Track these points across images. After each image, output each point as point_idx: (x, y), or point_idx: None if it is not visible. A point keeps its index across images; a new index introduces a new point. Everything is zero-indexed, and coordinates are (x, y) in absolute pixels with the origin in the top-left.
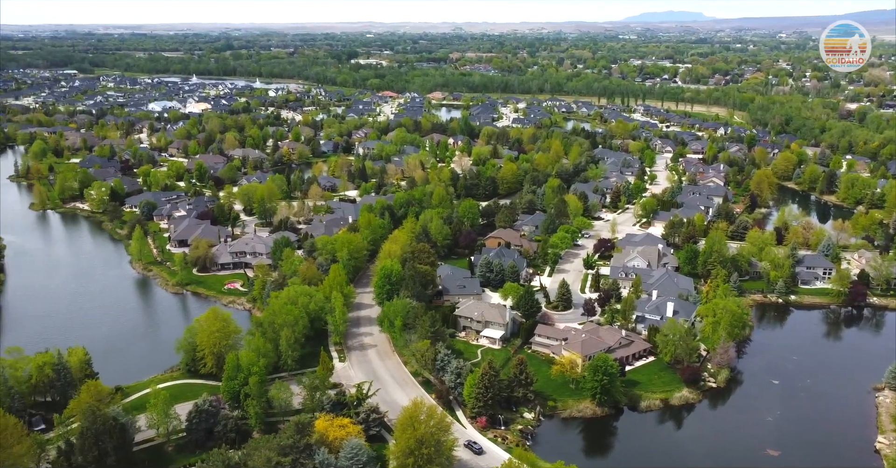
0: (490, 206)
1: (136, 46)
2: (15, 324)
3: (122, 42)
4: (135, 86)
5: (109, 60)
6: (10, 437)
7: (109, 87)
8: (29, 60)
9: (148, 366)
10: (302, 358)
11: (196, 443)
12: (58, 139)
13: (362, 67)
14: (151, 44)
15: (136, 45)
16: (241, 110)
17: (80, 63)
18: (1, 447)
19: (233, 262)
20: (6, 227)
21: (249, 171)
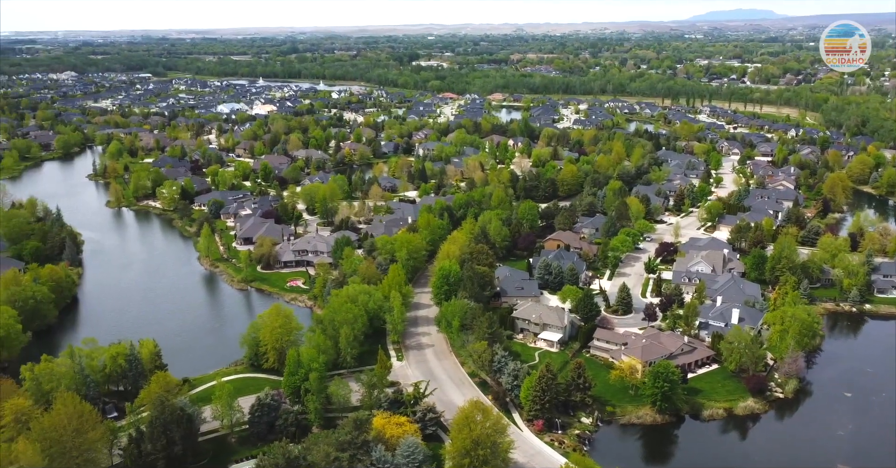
0: (549, 208)
1: (207, 50)
2: (91, 316)
3: (193, 46)
4: (205, 88)
5: (181, 64)
6: (85, 423)
7: (181, 89)
8: (107, 65)
9: (213, 359)
10: (361, 355)
11: (258, 436)
12: (133, 140)
13: (423, 69)
14: (221, 48)
15: (206, 49)
16: (305, 112)
17: (154, 67)
18: (78, 432)
19: (295, 260)
20: (85, 224)
21: (312, 171)
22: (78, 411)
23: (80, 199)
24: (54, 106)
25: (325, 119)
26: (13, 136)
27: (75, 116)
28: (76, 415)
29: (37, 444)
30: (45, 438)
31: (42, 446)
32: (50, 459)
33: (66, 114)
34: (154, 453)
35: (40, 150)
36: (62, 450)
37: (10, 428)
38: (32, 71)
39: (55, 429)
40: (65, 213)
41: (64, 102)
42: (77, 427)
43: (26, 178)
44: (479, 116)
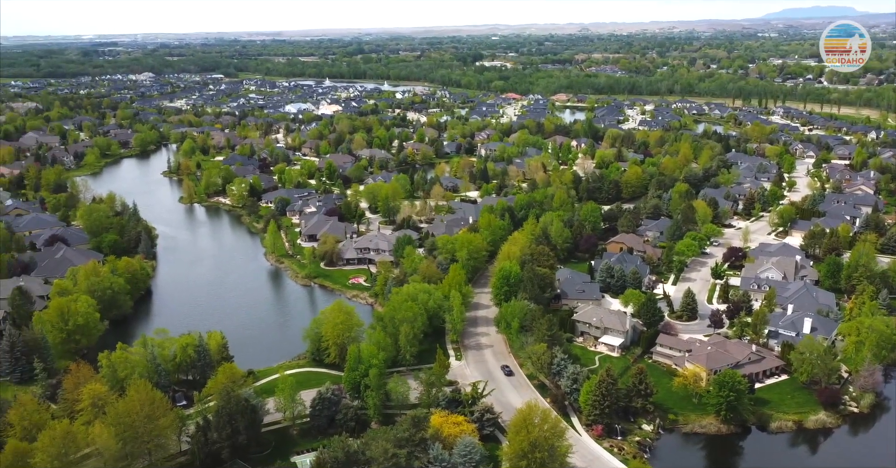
0: (613, 210)
1: (276, 52)
2: (163, 307)
3: (263, 48)
4: (273, 89)
5: (252, 65)
6: (157, 410)
7: (251, 90)
8: (182, 66)
9: (277, 352)
10: (420, 354)
11: (318, 429)
12: (205, 138)
13: (487, 70)
14: (290, 49)
15: (276, 50)
16: (369, 112)
17: (226, 68)
18: (149, 418)
19: (357, 258)
20: (159, 219)
21: (375, 170)
22: (150, 398)
23: (155, 195)
24: (133, 105)
25: (388, 119)
26: (95, 134)
27: (152, 115)
28: (148, 402)
29: (111, 428)
30: (119, 423)
31: (116, 430)
32: (123, 443)
33: (143, 113)
34: (219, 441)
35: (119, 147)
36: (134, 435)
37: (87, 412)
38: (114, 72)
39: (128, 414)
40: (141, 208)
41: (142, 102)
42: (149, 413)
43: (106, 174)
44: (542, 117)
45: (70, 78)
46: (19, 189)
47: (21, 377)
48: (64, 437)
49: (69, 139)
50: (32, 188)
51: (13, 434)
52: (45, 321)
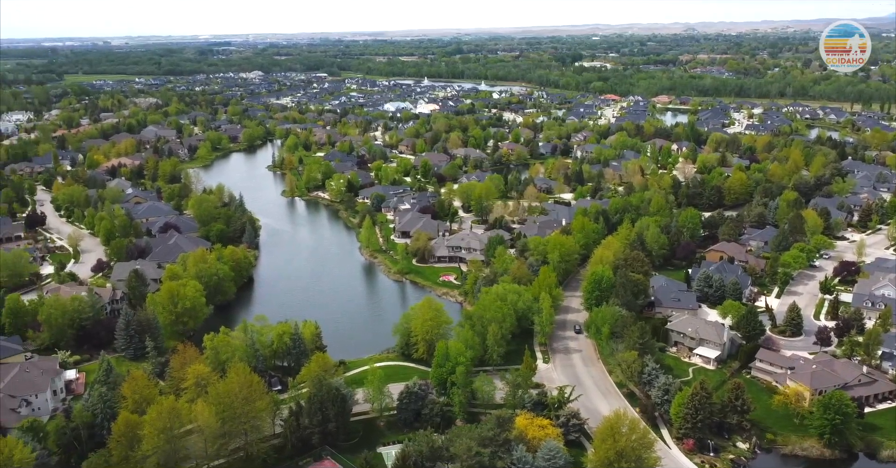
0: (713, 217)
1: (378, 52)
2: (263, 295)
3: (365, 48)
4: (374, 88)
5: (354, 64)
6: (254, 393)
7: (352, 88)
8: (289, 65)
9: (367, 345)
10: (507, 354)
11: (404, 422)
12: (307, 135)
13: (586, 70)
14: (391, 49)
15: (377, 50)
16: (465, 111)
17: (329, 67)
18: (247, 400)
19: (449, 256)
20: (263, 211)
21: (470, 169)
22: (248, 381)
23: (259, 188)
24: (243, 102)
25: (484, 119)
26: (208, 128)
27: (259, 112)
28: (246, 385)
29: (212, 407)
30: (220, 403)
31: (216, 409)
32: (222, 422)
33: (251, 110)
34: (311, 427)
35: (229, 141)
36: (233, 415)
37: (191, 390)
38: (226, 70)
39: (228, 395)
40: (246, 200)
41: (251, 99)
42: (246, 395)
43: (216, 166)
44: (641, 119)
45: (187, 75)
46: (139, 178)
47: (134, 353)
48: (169, 413)
49: (184, 133)
50: (150, 178)
51: (126, 406)
52: (157, 303)
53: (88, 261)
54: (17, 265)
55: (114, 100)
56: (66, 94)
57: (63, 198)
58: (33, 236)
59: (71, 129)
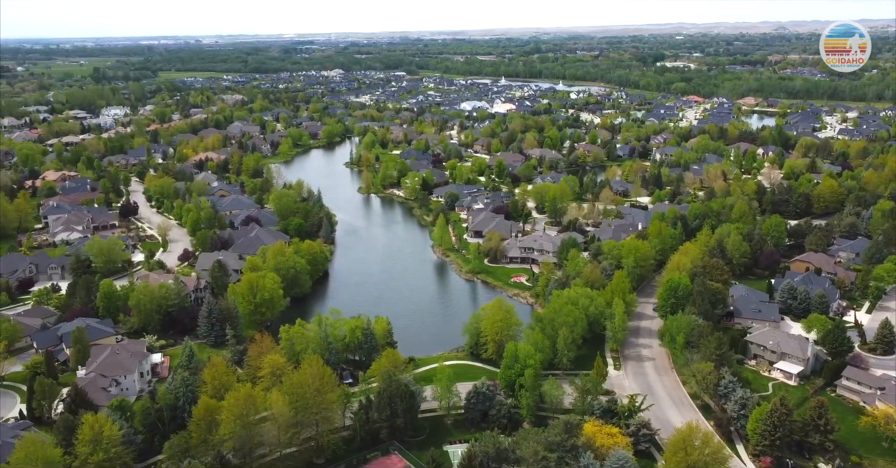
0: (800, 226)
1: (456, 51)
2: (337, 289)
3: (444, 47)
4: (451, 87)
5: (432, 63)
6: (326, 385)
7: (430, 87)
8: (369, 63)
9: (437, 342)
10: (577, 359)
11: (471, 422)
12: (385, 132)
13: (668, 70)
14: (469, 48)
15: (455, 49)
16: (542, 111)
17: (408, 66)
18: (319, 392)
19: (521, 257)
20: (339, 206)
21: (545, 170)
22: (320, 373)
23: (336, 184)
24: (323, 100)
25: (561, 119)
26: (290, 125)
27: (339, 110)
28: (319, 377)
29: (286, 397)
30: (293, 393)
31: (290, 399)
32: (295, 412)
33: (332, 107)
34: (379, 422)
35: (309, 138)
36: (305, 405)
37: (267, 379)
38: (309, 68)
39: (301, 386)
40: (323, 195)
41: (331, 97)
42: (319, 387)
43: (296, 162)
44: (725, 122)
45: (272, 73)
46: (224, 172)
47: (215, 341)
48: (246, 400)
49: (267, 129)
50: (235, 172)
51: (205, 391)
52: (238, 293)
53: (176, 250)
54: (111, 252)
55: (203, 96)
56: (159, 90)
57: (154, 189)
58: (126, 225)
59: (163, 123)
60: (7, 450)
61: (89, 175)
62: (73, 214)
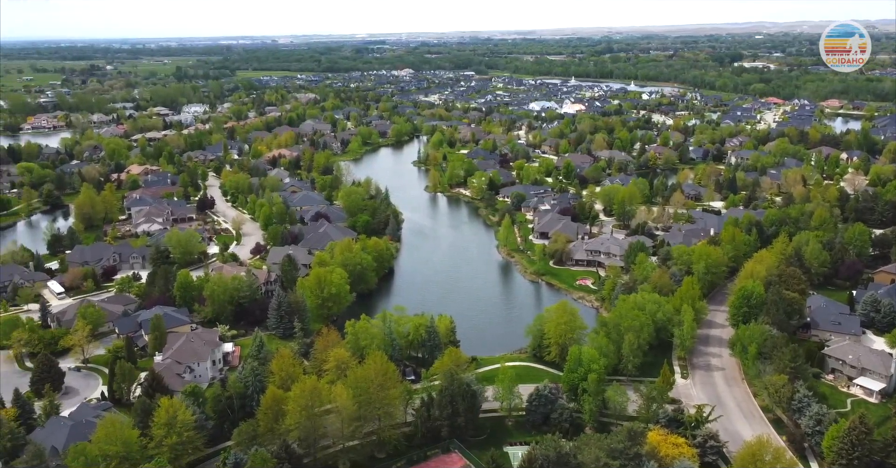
0: (886, 235)
1: (526, 50)
2: (402, 286)
3: (513, 46)
4: (520, 86)
5: (501, 63)
6: (388, 381)
7: (499, 87)
8: (438, 63)
9: (499, 343)
10: (642, 365)
11: (532, 424)
12: (452, 132)
13: (745, 71)
14: (539, 48)
15: (525, 49)
16: (612, 112)
17: (477, 65)
18: (381, 387)
19: (587, 260)
20: (406, 204)
21: (613, 172)
22: (384, 369)
23: (404, 183)
24: (393, 99)
25: (632, 120)
26: (360, 123)
27: (408, 109)
28: (382, 372)
29: (350, 390)
30: (357, 387)
31: (353, 393)
32: (358, 406)
33: (401, 106)
34: (440, 420)
35: (378, 136)
36: (368, 400)
37: (332, 372)
38: (379, 68)
39: (365, 380)
40: (391, 193)
41: (400, 96)
42: (381, 382)
43: (365, 160)
44: (807, 125)
45: (343, 73)
46: (296, 169)
47: (284, 333)
48: (311, 392)
49: (338, 127)
50: (306, 169)
51: (273, 381)
52: (306, 287)
53: (248, 243)
54: (188, 243)
55: (278, 95)
56: (236, 88)
57: (230, 184)
58: (203, 218)
59: (239, 121)
60: (89, 428)
61: (170, 169)
62: (154, 207)
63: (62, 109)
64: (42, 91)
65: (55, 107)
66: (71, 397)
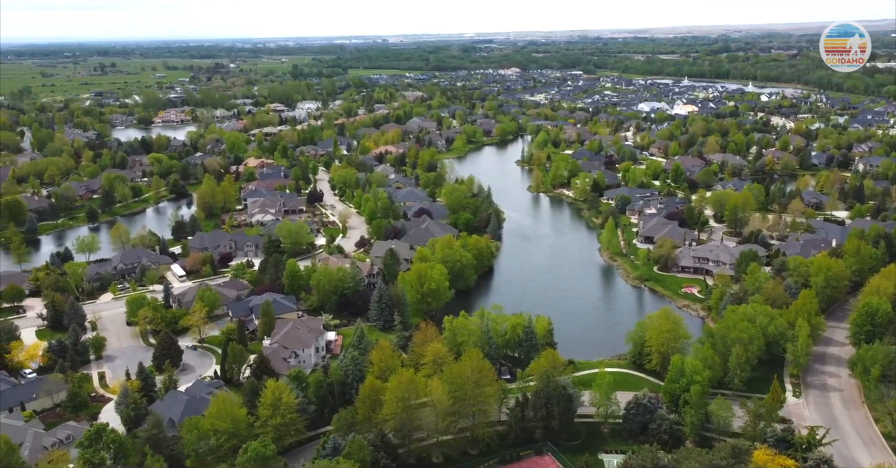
0: None
1: (636, 50)
2: (501, 285)
3: (624, 45)
4: (629, 86)
5: (610, 62)
6: (484, 378)
7: (607, 87)
8: (546, 62)
9: (597, 348)
10: (750, 380)
11: (629, 433)
12: (557, 132)
13: (879, 71)
14: (650, 47)
15: (636, 48)
16: (727, 114)
17: (585, 65)
18: (477, 384)
19: (693, 267)
20: (507, 203)
21: (726, 177)
22: (480, 366)
23: (506, 181)
24: (498, 98)
25: (748, 123)
26: (465, 122)
27: (513, 108)
28: (478, 369)
29: (445, 385)
30: (453, 382)
31: (449, 388)
32: (453, 401)
33: (506, 105)
34: (534, 421)
35: (483, 135)
36: (463, 396)
37: (428, 366)
38: (486, 67)
39: (461, 376)
40: (493, 192)
41: (506, 95)
42: (477, 380)
43: (469, 158)
44: None
45: (450, 71)
46: (401, 165)
47: (384, 325)
48: (408, 384)
49: (444, 125)
50: (411, 166)
51: (372, 371)
52: (407, 281)
53: (353, 236)
54: (298, 234)
55: (386, 93)
56: (348, 86)
57: (338, 178)
58: (312, 210)
59: (349, 117)
60: (203, 404)
61: (283, 163)
62: (268, 198)
63: (189, 105)
64: (172, 87)
65: (183, 102)
66: (187, 373)
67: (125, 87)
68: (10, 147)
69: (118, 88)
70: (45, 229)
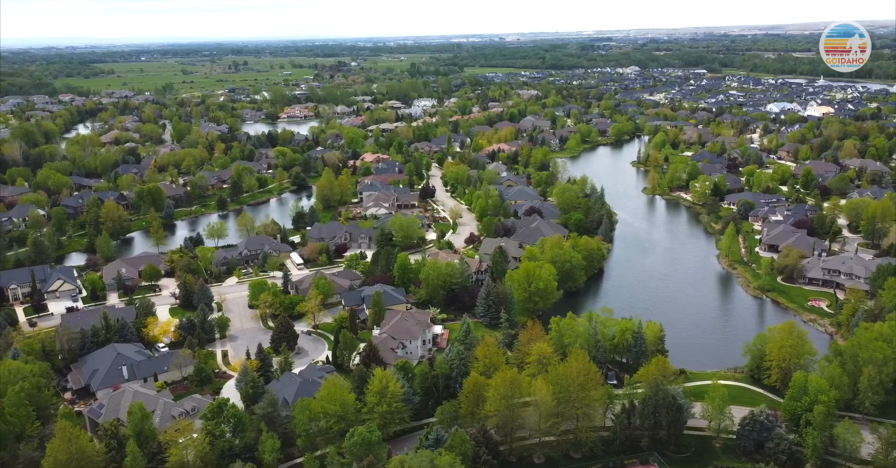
0: None
1: (766, 47)
2: (611, 288)
3: (753, 43)
4: (757, 86)
5: (737, 61)
6: (590, 382)
7: (732, 86)
8: (667, 61)
9: (712, 358)
10: (883, 404)
11: (743, 450)
12: (677, 133)
13: None
14: (783, 44)
15: (766, 45)
16: (868, 116)
17: (710, 63)
18: (582, 387)
19: (822, 279)
20: (621, 205)
21: (864, 184)
22: (586, 369)
23: (620, 183)
24: (616, 97)
25: (892, 126)
26: (580, 121)
27: (631, 107)
28: (584, 372)
29: (550, 386)
30: (557, 383)
31: (553, 389)
32: (557, 402)
33: (623, 104)
34: (641, 429)
35: (598, 135)
36: (567, 398)
37: (533, 366)
38: (604, 65)
39: (566, 378)
40: (606, 193)
41: (624, 94)
42: (583, 382)
43: (582, 158)
44: None
45: (567, 70)
46: (513, 163)
47: (490, 321)
48: (512, 382)
49: (558, 124)
50: (523, 164)
51: (476, 367)
52: (515, 280)
53: (463, 233)
54: (410, 228)
55: (501, 91)
56: (463, 84)
57: (450, 175)
58: (424, 206)
59: (463, 115)
60: (315, 387)
61: (398, 159)
62: (382, 192)
63: (312, 101)
64: (297, 84)
65: (307, 98)
66: (301, 357)
67: (255, 83)
68: (154, 138)
69: (249, 85)
70: (181, 215)
